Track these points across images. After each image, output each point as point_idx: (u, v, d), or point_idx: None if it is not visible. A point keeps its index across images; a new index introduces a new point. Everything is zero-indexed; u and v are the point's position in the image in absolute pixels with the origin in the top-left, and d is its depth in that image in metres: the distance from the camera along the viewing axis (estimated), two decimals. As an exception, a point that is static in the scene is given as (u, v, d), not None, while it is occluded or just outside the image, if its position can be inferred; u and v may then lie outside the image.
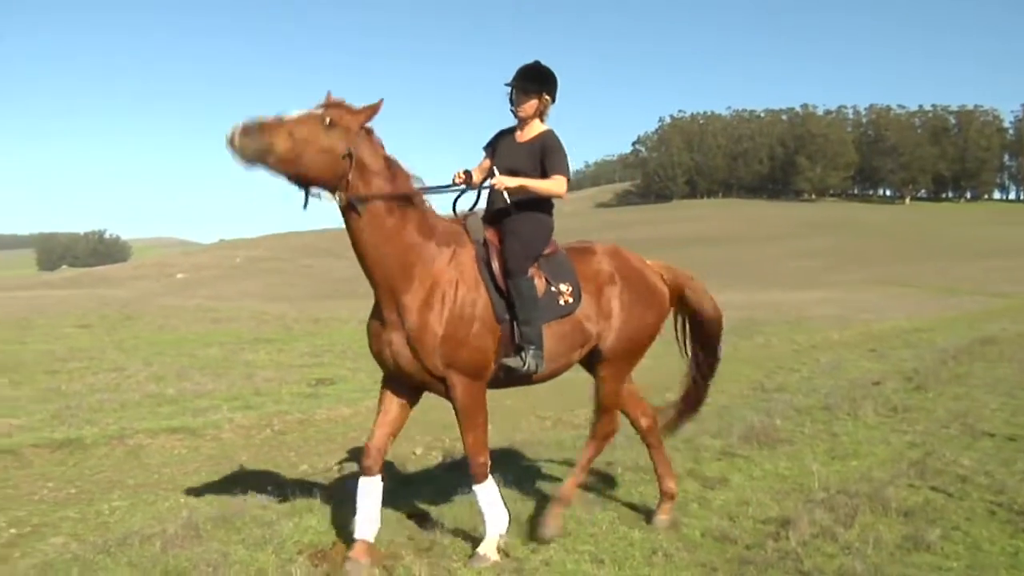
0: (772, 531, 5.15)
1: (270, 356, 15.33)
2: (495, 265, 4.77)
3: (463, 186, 4.98)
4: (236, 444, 9.10)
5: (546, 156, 4.93)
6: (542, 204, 5.04)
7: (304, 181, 4.33)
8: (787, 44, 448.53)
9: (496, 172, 4.90)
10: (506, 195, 4.79)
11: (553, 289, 4.90)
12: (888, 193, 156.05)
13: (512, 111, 5.04)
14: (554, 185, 4.91)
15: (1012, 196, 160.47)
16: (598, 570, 4.61)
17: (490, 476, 4.82)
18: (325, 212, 4.88)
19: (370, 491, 4.75)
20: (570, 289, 4.96)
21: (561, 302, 4.91)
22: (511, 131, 5.15)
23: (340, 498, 5.72)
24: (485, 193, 5.00)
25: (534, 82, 4.97)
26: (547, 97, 5.02)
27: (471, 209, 5.00)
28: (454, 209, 5.01)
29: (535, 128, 5.04)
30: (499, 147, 5.14)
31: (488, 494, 4.82)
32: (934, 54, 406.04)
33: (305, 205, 4.41)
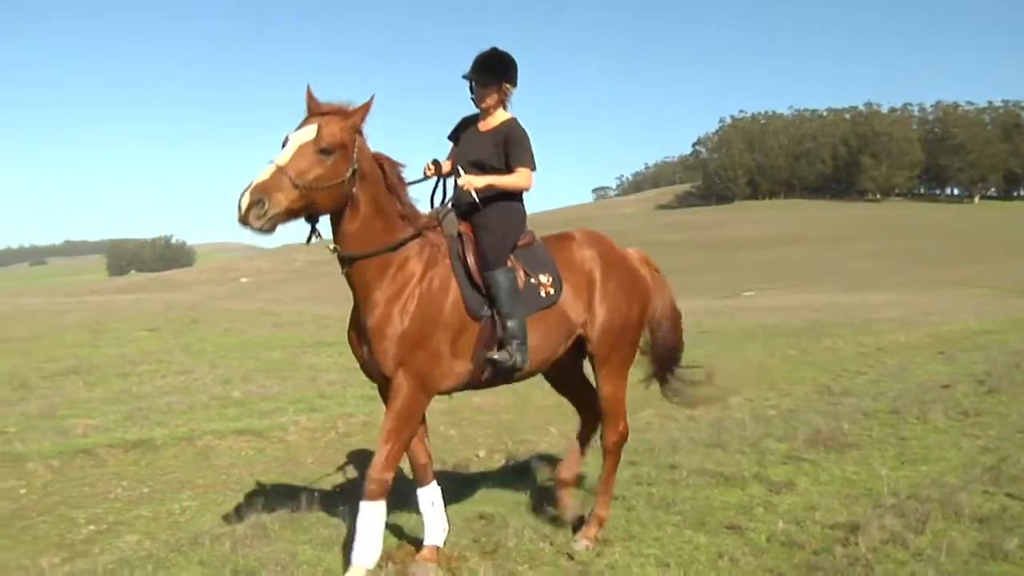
0: (840, 536, 5.04)
1: (332, 359, 15.48)
2: (470, 260, 4.65)
3: (435, 178, 4.91)
4: (302, 446, 9.24)
5: (510, 148, 4.79)
6: (511, 193, 4.89)
7: (315, 216, 4.22)
8: (850, 42, 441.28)
9: (462, 171, 4.76)
10: (475, 194, 4.67)
11: (533, 281, 4.79)
12: (956, 192, 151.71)
13: (473, 100, 4.91)
14: (520, 179, 4.80)
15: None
16: (663, 574, 4.58)
17: (383, 500, 4.44)
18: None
19: (432, 498, 4.82)
20: (550, 280, 4.85)
21: (542, 293, 4.80)
22: (475, 119, 5.01)
23: (405, 499, 5.77)
24: (453, 186, 4.88)
25: (491, 73, 4.81)
26: (507, 86, 4.88)
27: (443, 202, 4.90)
28: (431, 203, 4.90)
29: (498, 117, 4.91)
30: (463, 137, 5.00)
31: (372, 516, 4.44)
32: (1003, 49, 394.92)
33: (309, 240, 4.31)
